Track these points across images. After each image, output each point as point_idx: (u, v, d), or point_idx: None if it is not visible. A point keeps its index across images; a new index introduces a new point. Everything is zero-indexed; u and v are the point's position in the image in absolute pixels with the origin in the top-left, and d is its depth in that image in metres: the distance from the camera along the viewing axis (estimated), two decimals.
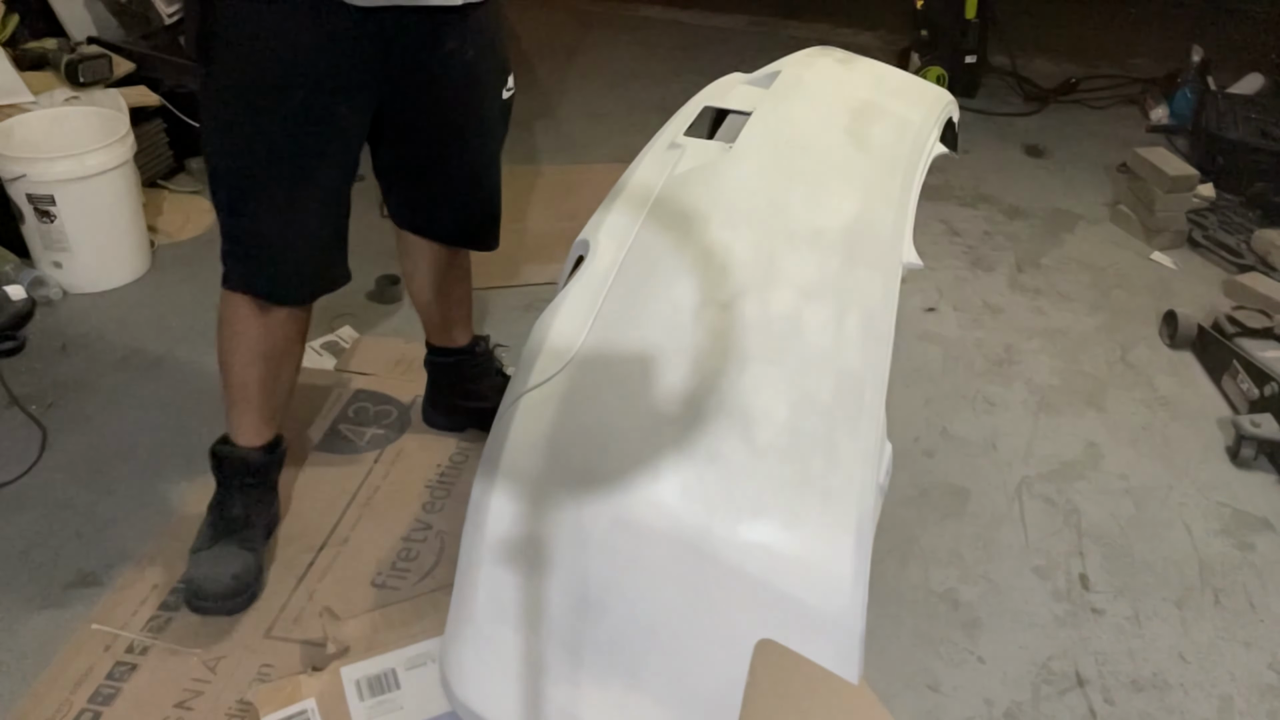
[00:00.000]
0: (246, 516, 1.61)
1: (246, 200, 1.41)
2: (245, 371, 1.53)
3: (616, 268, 1.25)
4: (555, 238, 2.64)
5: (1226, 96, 3.37)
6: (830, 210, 1.35)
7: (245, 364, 1.53)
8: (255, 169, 1.38)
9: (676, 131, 1.49)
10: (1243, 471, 1.99)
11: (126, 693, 1.44)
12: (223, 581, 1.53)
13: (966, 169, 3.23)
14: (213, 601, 1.52)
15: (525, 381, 1.16)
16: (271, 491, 1.69)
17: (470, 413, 1.93)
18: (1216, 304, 2.50)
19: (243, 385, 1.55)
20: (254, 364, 1.53)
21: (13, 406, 1.99)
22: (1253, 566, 1.77)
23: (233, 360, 1.53)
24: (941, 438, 2.05)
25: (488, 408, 1.80)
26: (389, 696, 1.42)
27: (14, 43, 2.70)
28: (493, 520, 1.11)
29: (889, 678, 1.53)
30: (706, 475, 1.06)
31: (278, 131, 1.36)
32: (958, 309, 2.50)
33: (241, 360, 1.53)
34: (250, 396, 1.56)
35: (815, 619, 1.02)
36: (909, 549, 1.77)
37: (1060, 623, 1.64)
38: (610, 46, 4.28)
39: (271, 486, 1.69)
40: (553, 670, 1.12)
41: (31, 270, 2.34)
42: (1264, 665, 1.58)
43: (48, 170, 2.22)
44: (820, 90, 1.63)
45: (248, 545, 1.59)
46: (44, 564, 1.66)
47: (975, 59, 3.73)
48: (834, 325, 1.19)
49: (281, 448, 1.68)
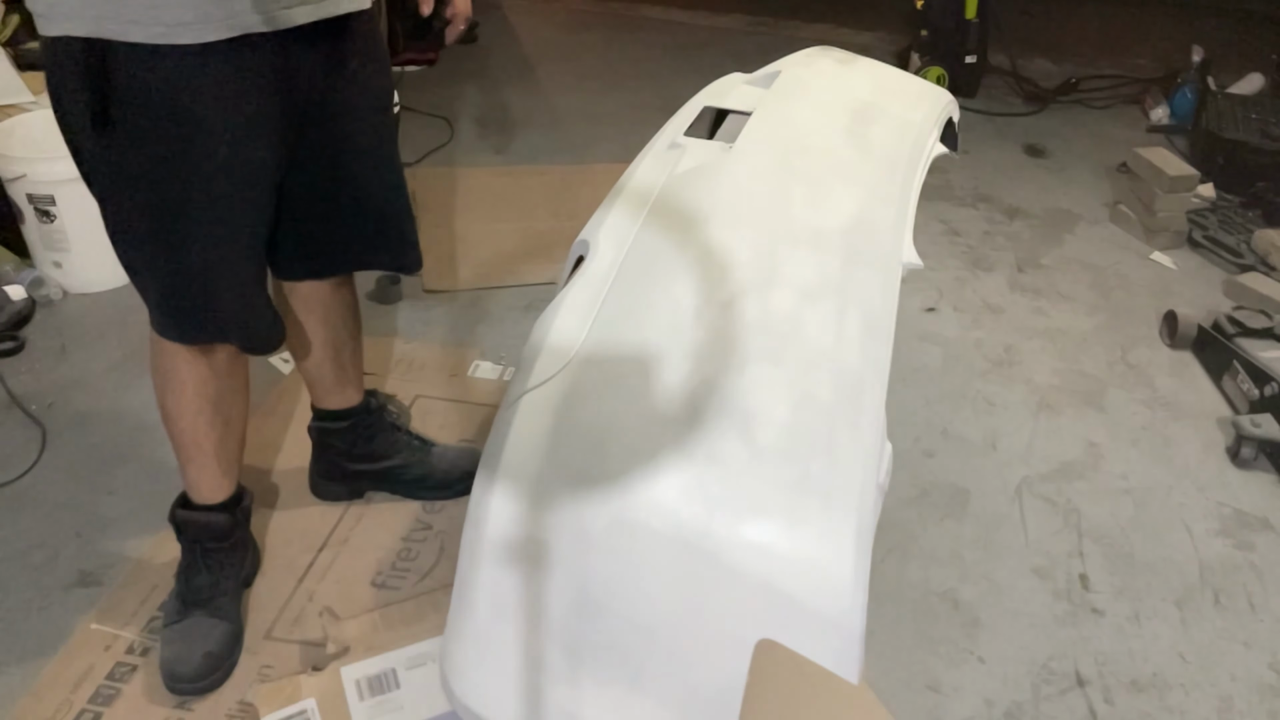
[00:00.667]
0: (215, 583, 1.52)
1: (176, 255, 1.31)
2: (195, 421, 1.45)
3: (616, 268, 1.25)
4: (555, 238, 2.64)
5: (1226, 96, 3.37)
6: (830, 210, 1.35)
7: (194, 413, 1.45)
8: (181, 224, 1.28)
9: (676, 131, 1.49)
10: (1243, 471, 1.99)
11: (126, 693, 1.44)
12: (193, 663, 1.44)
13: (966, 169, 3.23)
14: (187, 684, 1.44)
15: (525, 381, 1.16)
16: (240, 549, 1.59)
17: (369, 476, 1.79)
18: (1216, 304, 2.50)
19: (194, 437, 1.47)
20: (202, 411, 1.45)
21: (13, 406, 1.99)
22: (1253, 566, 1.77)
23: (180, 411, 1.45)
24: (941, 438, 2.05)
25: (389, 467, 1.77)
26: (389, 696, 1.42)
27: (14, 43, 2.71)
28: (493, 520, 1.11)
29: (889, 678, 1.53)
30: (707, 475, 1.06)
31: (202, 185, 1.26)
32: (958, 309, 2.50)
33: (190, 410, 1.45)
34: (204, 448, 1.48)
35: (815, 619, 1.02)
36: (909, 549, 1.77)
37: (1060, 623, 1.64)
38: (610, 46, 4.28)
39: (239, 544, 1.58)
40: (553, 670, 1.12)
41: (31, 270, 2.34)
42: (1264, 665, 1.58)
43: (48, 170, 2.22)
44: (820, 90, 1.63)
45: (218, 614, 1.50)
46: (44, 564, 1.66)
47: (975, 59, 3.73)
48: (834, 325, 1.19)
49: (245, 501, 1.59)
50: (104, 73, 1.17)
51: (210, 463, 1.50)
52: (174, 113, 1.20)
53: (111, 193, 1.29)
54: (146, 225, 1.29)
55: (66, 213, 2.26)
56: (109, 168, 1.26)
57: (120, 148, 1.23)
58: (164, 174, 1.24)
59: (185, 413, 1.45)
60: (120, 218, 1.31)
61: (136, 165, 1.24)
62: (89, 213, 2.28)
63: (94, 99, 1.18)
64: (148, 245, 1.31)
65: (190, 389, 1.43)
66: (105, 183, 1.28)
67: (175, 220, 1.28)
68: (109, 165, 1.26)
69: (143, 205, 1.27)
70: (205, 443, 1.47)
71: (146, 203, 1.27)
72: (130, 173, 1.25)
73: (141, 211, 1.28)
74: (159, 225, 1.29)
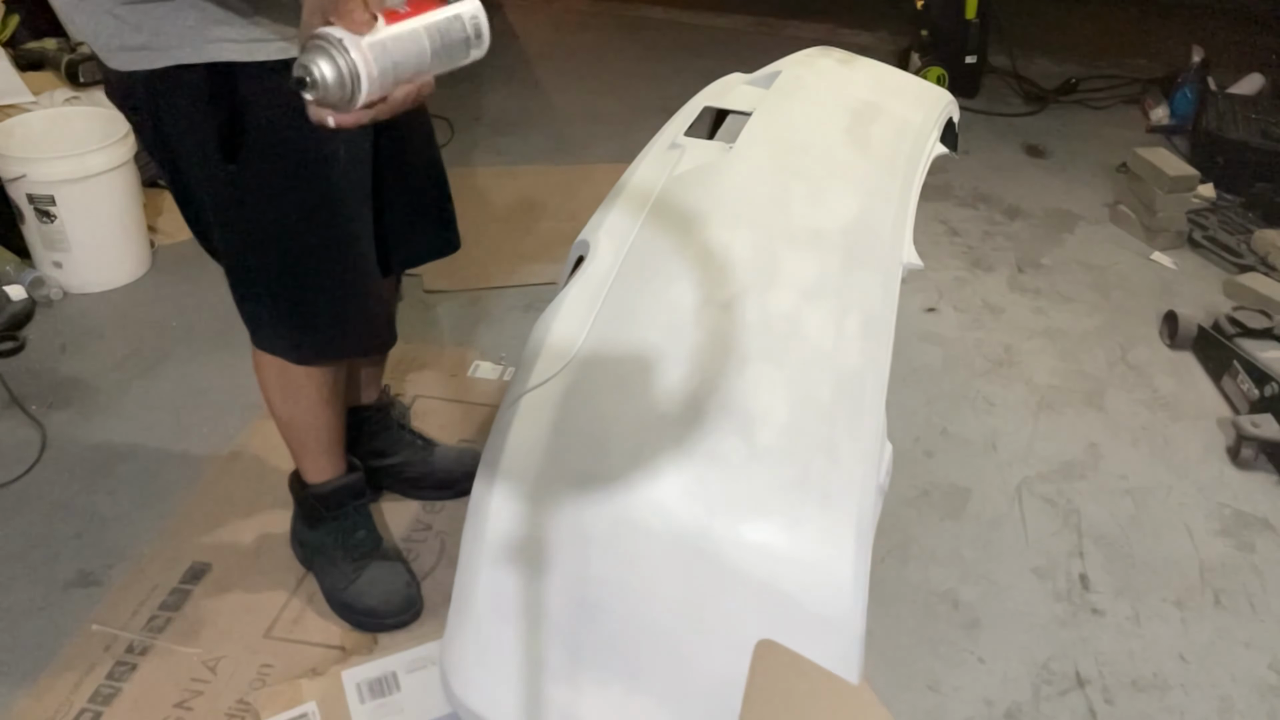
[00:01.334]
0: (369, 531, 1.61)
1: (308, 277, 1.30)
2: (316, 419, 1.49)
3: (616, 268, 1.25)
4: (555, 238, 2.64)
5: (1226, 96, 3.37)
6: (830, 210, 1.35)
7: (315, 414, 1.48)
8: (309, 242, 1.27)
9: (677, 131, 1.49)
10: (1243, 471, 1.99)
11: (126, 693, 1.44)
12: (397, 599, 1.55)
13: (966, 169, 3.23)
14: (395, 618, 1.54)
15: (525, 381, 1.16)
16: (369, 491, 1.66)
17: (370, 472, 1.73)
18: (1216, 304, 2.50)
19: (314, 435, 1.51)
20: (321, 410, 1.48)
21: (13, 406, 1.99)
22: (1253, 566, 1.77)
23: (297, 415, 1.48)
24: (941, 438, 2.05)
25: (390, 465, 1.78)
26: (389, 699, 1.42)
27: (14, 43, 2.71)
28: (493, 520, 1.11)
29: (889, 678, 1.53)
30: (707, 475, 1.06)
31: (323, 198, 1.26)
32: (958, 309, 2.50)
33: (310, 413, 1.48)
34: (322, 438, 1.52)
35: (815, 619, 1.02)
36: (909, 549, 1.77)
37: (1060, 623, 1.64)
38: (610, 46, 4.28)
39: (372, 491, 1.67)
40: (553, 670, 1.12)
41: (31, 270, 2.34)
42: (1264, 665, 1.58)
43: (48, 170, 2.22)
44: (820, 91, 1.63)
45: (388, 555, 1.62)
46: (44, 564, 1.66)
47: (975, 59, 3.73)
48: (834, 325, 1.19)
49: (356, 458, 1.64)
50: (232, 98, 1.13)
51: (332, 448, 1.54)
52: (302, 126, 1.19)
53: (242, 224, 1.25)
54: (281, 251, 1.27)
55: (66, 213, 2.26)
56: (240, 195, 1.22)
57: (254, 173, 1.19)
58: (298, 189, 1.22)
59: (303, 414, 1.47)
60: (252, 250, 1.28)
61: (272, 186, 1.21)
62: (89, 213, 2.31)
63: (222, 127, 1.15)
64: (283, 272, 1.29)
65: (308, 394, 1.44)
66: (235, 214, 1.24)
67: (312, 236, 1.26)
68: (240, 193, 1.22)
69: (277, 231, 1.25)
70: (325, 435, 1.51)
71: (281, 227, 1.24)
72: (265, 195, 1.21)
73: (275, 239, 1.25)
74: (295, 246, 1.27)
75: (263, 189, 1.21)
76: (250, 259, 1.29)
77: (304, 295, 1.32)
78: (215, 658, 1.50)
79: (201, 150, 1.17)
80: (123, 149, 2.32)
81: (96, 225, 2.32)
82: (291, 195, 1.23)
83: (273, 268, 1.29)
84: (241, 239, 1.27)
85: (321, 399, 1.45)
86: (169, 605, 1.58)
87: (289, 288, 1.31)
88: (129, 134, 2.35)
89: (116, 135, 2.31)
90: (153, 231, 2.57)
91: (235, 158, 1.18)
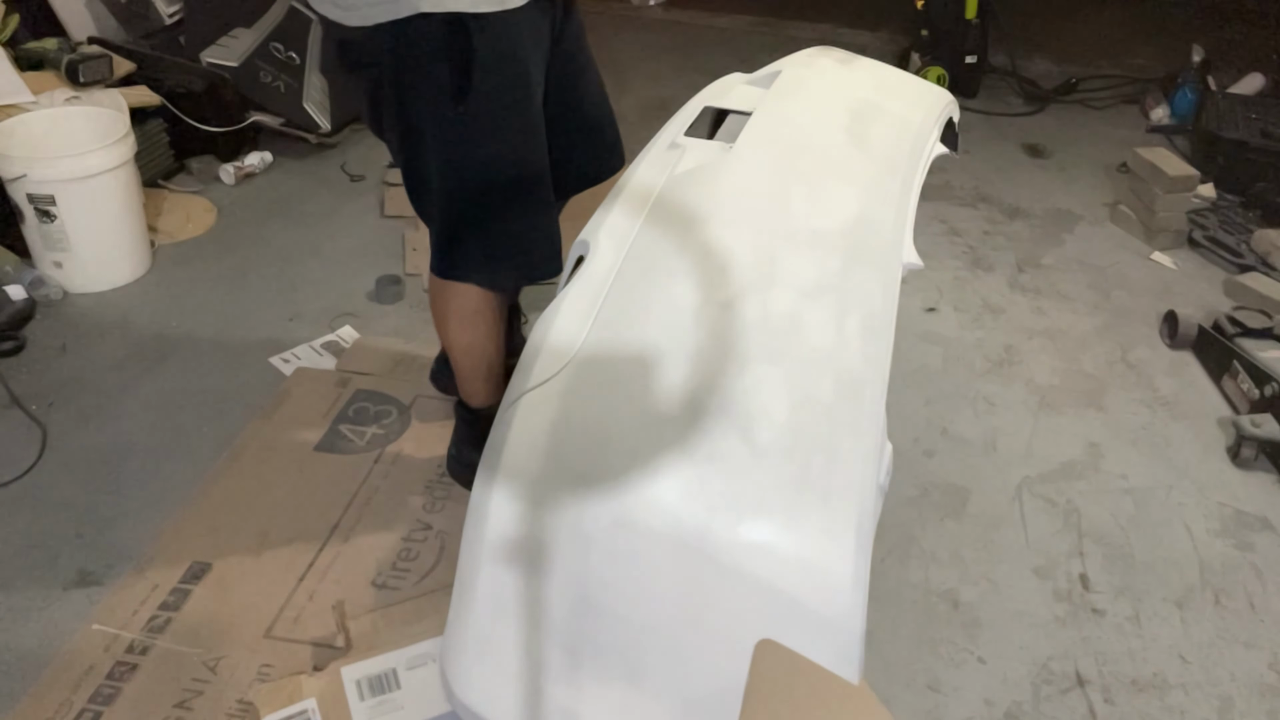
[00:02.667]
0: None
1: (510, 204, 1.48)
2: (490, 343, 1.66)
3: (616, 268, 1.25)
4: None
5: (1226, 96, 3.37)
6: (830, 210, 1.35)
7: (490, 338, 1.66)
8: (514, 173, 1.46)
9: (677, 131, 1.49)
10: (1243, 471, 1.99)
11: (126, 693, 1.44)
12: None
13: (966, 169, 3.23)
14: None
15: (525, 381, 1.16)
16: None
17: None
18: (1216, 304, 2.50)
19: (487, 359, 1.68)
20: (494, 335, 1.66)
21: (13, 406, 1.99)
22: (1253, 566, 1.77)
23: (476, 341, 1.65)
24: (941, 438, 2.05)
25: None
26: (389, 696, 1.42)
27: (14, 43, 2.70)
28: (493, 520, 1.11)
29: (889, 678, 1.53)
30: (707, 475, 1.06)
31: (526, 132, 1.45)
32: (958, 309, 2.50)
33: (488, 336, 1.65)
34: (494, 362, 1.70)
35: (815, 619, 1.02)
36: (909, 549, 1.77)
37: (1060, 623, 1.64)
38: (610, 46, 4.28)
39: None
40: (553, 670, 1.12)
41: (31, 270, 2.34)
42: (1264, 665, 1.58)
43: (48, 170, 2.22)
44: (820, 91, 1.63)
45: None
46: (44, 564, 1.66)
47: (975, 59, 3.73)
48: (834, 325, 1.19)
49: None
50: (465, 45, 1.34)
51: (501, 370, 1.70)
52: (515, 68, 1.40)
53: (463, 160, 1.44)
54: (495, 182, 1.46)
55: (67, 213, 2.26)
56: (466, 133, 1.41)
57: (477, 111, 1.39)
58: (513, 126, 1.43)
59: (482, 343, 1.66)
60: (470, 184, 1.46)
61: (491, 122, 1.41)
62: (89, 213, 2.31)
63: (454, 70, 1.35)
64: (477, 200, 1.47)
65: (487, 322, 1.63)
66: (460, 150, 1.43)
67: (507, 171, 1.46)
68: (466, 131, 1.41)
69: (489, 162, 1.44)
70: (496, 359, 1.69)
71: (492, 159, 1.44)
72: (484, 131, 1.41)
73: (492, 172, 1.45)
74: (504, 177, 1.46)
75: (485, 127, 1.41)
76: (468, 191, 1.47)
77: (507, 225, 1.50)
78: (215, 657, 1.50)
79: (435, 95, 1.37)
80: (123, 149, 2.32)
81: (96, 225, 2.32)
82: (506, 131, 1.43)
83: (486, 198, 1.47)
84: (460, 175, 1.45)
85: (496, 325, 1.65)
86: (169, 605, 1.58)
87: (496, 217, 1.49)
88: (129, 134, 2.35)
89: (116, 135, 2.31)
90: (153, 231, 2.57)
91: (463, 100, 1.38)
